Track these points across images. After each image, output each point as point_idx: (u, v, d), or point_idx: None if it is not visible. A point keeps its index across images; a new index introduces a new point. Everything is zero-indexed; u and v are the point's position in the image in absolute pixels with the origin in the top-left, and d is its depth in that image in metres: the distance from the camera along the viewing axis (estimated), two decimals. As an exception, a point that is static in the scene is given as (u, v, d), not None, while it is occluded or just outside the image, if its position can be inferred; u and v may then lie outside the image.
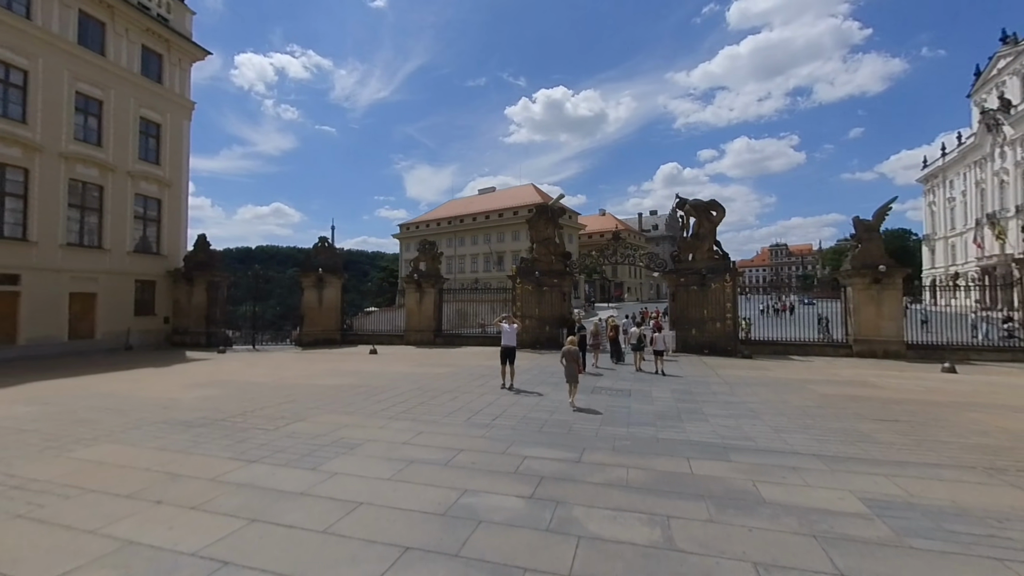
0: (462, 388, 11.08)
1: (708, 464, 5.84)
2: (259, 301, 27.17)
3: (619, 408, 9.07)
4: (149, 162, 23.33)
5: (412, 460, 5.94)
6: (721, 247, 19.50)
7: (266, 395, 10.20)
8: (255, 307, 24.11)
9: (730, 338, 18.15)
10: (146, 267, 23.00)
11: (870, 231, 18.11)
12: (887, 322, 17.38)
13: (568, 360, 9.46)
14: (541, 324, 20.55)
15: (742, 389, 11.22)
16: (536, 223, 21.98)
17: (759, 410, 8.94)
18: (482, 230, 71.10)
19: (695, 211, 19.80)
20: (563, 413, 8.60)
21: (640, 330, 16.09)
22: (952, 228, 56.91)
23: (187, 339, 23.12)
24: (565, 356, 9.54)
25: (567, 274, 21.37)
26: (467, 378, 12.65)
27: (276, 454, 6.18)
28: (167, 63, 24.22)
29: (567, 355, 9.52)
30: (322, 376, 13.08)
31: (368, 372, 13.87)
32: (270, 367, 15.41)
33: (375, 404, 9.27)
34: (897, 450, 6.47)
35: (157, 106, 23.63)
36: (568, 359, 9.47)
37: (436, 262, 23.81)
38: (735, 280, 18.36)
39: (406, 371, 14.09)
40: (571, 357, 9.49)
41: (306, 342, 23.40)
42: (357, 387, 11.19)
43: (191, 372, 14.20)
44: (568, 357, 9.49)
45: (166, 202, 24.07)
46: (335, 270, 24.53)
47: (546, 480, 5.28)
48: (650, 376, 13.33)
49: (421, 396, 10.11)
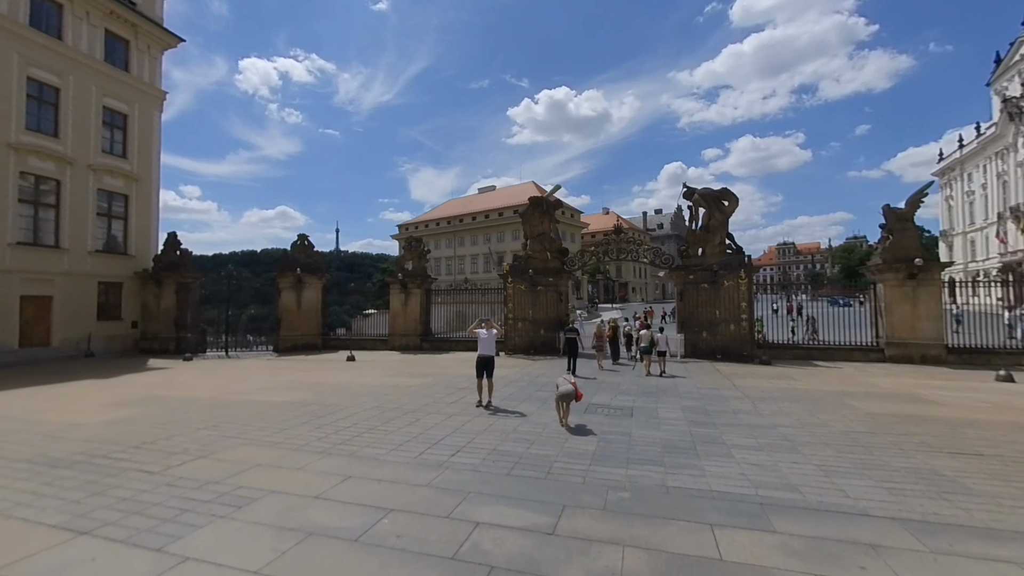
0: (430, 407, 9.26)
1: (742, 539, 3.97)
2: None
3: (617, 435, 7.21)
4: (114, 155, 21.72)
5: (312, 531, 4.12)
6: (734, 240, 17.58)
7: (190, 417, 8.42)
8: (228, 311, 22.38)
9: (746, 341, 16.20)
10: (111, 268, 21.37)
11: (903, 221, 16.13)
12: (924, 322, 15.38)
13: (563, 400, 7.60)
14: (535, 327, 18.69)
15: (768, 406, 9.32)
16: (530, 217, 20.13)
17: (795, 437, 7.05)
18: (482, 229, 69.33)
19: (704, 201, 17.89)
20: (545, 443, 6.75)
21: (650, 332, 14.26)
22: (971, 223, 54.42)
23: (156, 345, 21.46)
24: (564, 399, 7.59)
25: (564, 272, 19.50)
26: (442, 391, 10.82)
27: (128, 518, 4.38)
28: (134, 50, 22.62)
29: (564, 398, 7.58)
30: (275, 390, 11.30)
31: (331, 384, 12.07)
32: (226, 378, 13.66)
33: (313, 431, 7.46)
34: (1008, 508, 4.57)
35: (123, 95, 22.02)
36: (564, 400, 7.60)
37: (423, 260, 22.03)
38: (751, 277, 16.41)
39: (375, 383, 12.28)
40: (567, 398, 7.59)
41: (283, 348, 21.68)
42: (306, 406, 9.39)
43: (130, 385, 12.46)
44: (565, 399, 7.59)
45: (134, 198, 22.45)
46: (315, 270, 22.80)
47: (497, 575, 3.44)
48: (655, 387, 11.45)
49: (376, 418, 8.30)
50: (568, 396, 7.50)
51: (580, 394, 7.71)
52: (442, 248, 74.62)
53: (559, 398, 7.61)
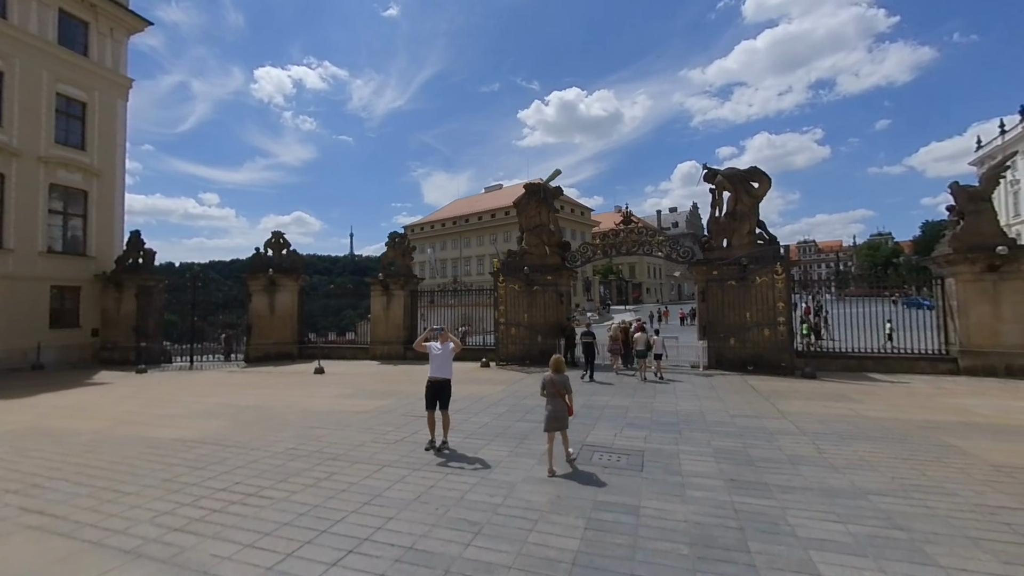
0: (363, 449, 6.76)
1: None
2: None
3: (617, 514, 4.61)
4: (71, 147, 19.80)
5: None
6: (767, 229, 14.80)
7: (20, 469, 6.07)
8: (193, 317, 20.25)
9: (783, 350, 13.38)
10: (67, 270, 19.43)
11: (978, 201, 13.18)
12: (1010, 325, 12.41)
13: (552, 394, 5.83)
14: (531, 333, 16.09)
15: (836, 448, 6.61)
16: (526, 207, 17.55)
17: (907, 520, 4.37)
18: (488, 229, 66.91)
19: (730, 183, 15.13)
20: (499, 532, 4.19)
21: (646, 335, 13.44)
22: (1016, 215, 50.11)
23: (116, 355, 19.43)
24: (547, 387, 5.89)
25: (565, 269, 16.88)
26: (394, 422, 8.33)
27: None
28: (95, 33, 20.72)
29: (551, 385, 5.85)
30: (186, 418, 8.94)
31: (264, 410, 9.67)
32: (149, 400, 11.38)
33: (160, 498, 5.02)
34: None
35: (81, 82, 20.10)
36: (552, 392, 5.83)
37: (408, 258, 19.65)
38: (788, 271, 13.57)
39: (321, 407, 9.85)
40: (557, 389, 5.82)
41: (253, 357, 19.46)
42: (201, 446, 6.98)
43: (25, 410, 10.23)
44: (553, 389, 5.83)
45: (94, 194, 20.50)
46: (291, 271, 20.57)
47: None
48: (673, 415, 8.79)
49: (274, 472, 5.83)
50: (560, 420, 5.73)
51: (572, 409, 5.97)
52: (448, 249, 72.45)
53: (549, 424, 5.73)
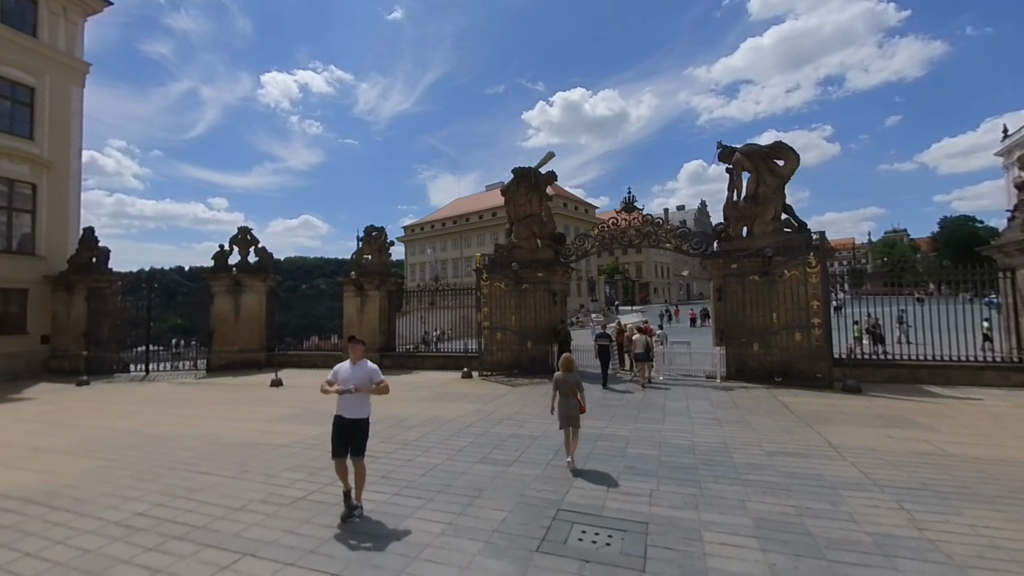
0: (227, 525, 4.67)
1: None
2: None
3: None
4: (16, 135, 17.99)
5: None
6: (795, 214, 12.58)
7: None
8: (150, 322, 18.37)
9: (819, 358, 11.10)
10: (13, 271, 17.61)
11: (1056, 175, 10.87)
12: (1103, 327, 10.10)
13: (565, 392, 5.93)
14: (520, 339, 13.96)
15: (939, 517, 4.41)
16: (515, 194, 15.42)
17: None
18: (489, 228, 64.86)
19: (750, 160, 12.91)
20: None
21: (644, 337, 12.49)
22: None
23: (65, 364, 17.59)
24: (559, 386, 5.99)
25: (559, 265, 14.74)
26: (310, 464, 6.25)
27: None
28: (44, 12, 18.94)
29: (563, 384, 5.95)
30: (59, 454, 6.93)
31: (167, 440, 7.63)
32: (69, 416, 9.45)
33: None
34: None
35: (28, 65, 18.31)
36: (565, 391, 5.93)
37: (384, 254, 17.59)
38: (824, 263, 11.29)
39: (239, 435, 7.79)
40: (570, 387, 5.91)
41: (215, 366, 17.57)
42: (2, 510, 4.95)
43: None
44: (566, 388, 5.93)
45: (44, 188, 18.68)
46: (259, 270, 18.66)
47: None
48: (690, 450, 6.64)
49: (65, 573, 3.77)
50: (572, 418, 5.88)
51: (584, 407, 6.02)
52: (448, 249, 70.57)
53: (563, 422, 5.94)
